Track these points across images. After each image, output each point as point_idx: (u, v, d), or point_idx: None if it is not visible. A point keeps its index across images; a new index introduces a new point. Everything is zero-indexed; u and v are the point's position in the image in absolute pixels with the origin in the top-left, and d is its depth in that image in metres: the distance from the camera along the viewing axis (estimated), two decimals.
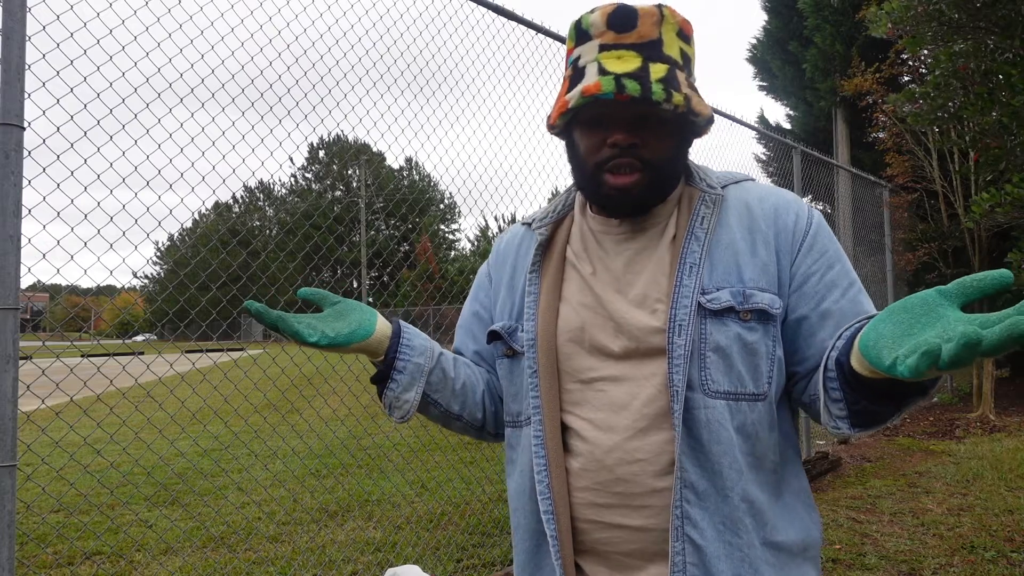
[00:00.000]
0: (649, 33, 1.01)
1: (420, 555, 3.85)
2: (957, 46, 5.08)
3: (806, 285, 1.03)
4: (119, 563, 3.85)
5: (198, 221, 35.15)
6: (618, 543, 1.03)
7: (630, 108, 1.01)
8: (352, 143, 31.15)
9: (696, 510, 0.97)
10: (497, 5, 3.55)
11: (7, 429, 1.82)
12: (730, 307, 1.00)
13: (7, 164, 1.84)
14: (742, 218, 1.06)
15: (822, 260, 1.04)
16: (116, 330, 28.23)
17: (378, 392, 1.14)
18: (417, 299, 7.48)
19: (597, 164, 1.05)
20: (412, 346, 1.12)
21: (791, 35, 13.48)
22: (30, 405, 3.85)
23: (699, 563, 0.97)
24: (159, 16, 2.48)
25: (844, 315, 1.01)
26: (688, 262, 1.02)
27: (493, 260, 1.28)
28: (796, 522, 1.03)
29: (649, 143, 1.02)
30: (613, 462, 1.02)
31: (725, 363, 1.00)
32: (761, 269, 1.02)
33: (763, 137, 11.11)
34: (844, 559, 3.81)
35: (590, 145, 1.05)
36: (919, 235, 9.27)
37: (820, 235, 1.06)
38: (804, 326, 1.03)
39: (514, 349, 1.13)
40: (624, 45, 1.01)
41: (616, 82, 0.97)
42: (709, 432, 0.98)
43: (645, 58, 1.00)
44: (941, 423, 8.35)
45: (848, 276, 1.05)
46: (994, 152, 5.42)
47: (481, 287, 1.28)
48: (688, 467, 0.98)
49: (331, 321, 1.04)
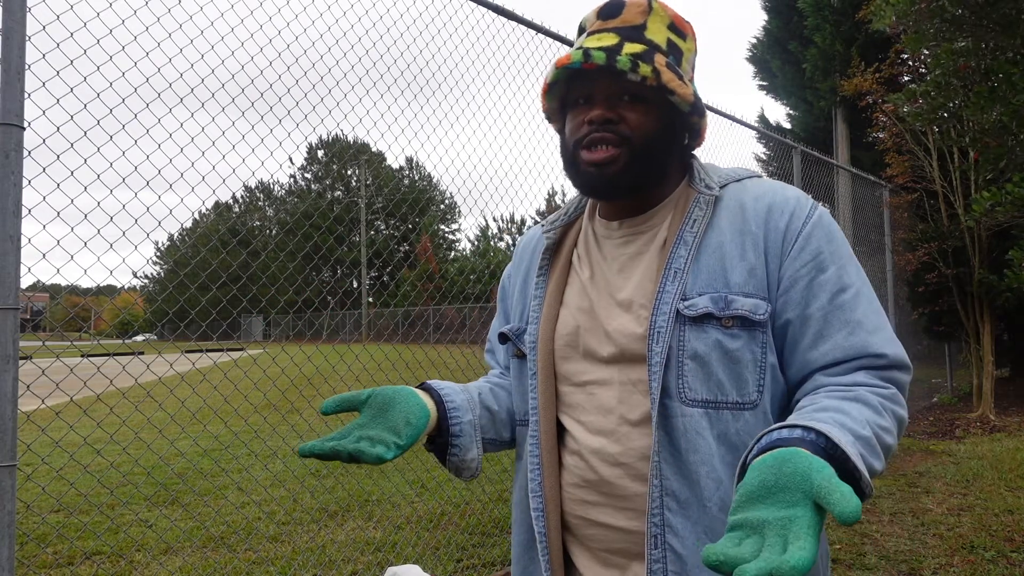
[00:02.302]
0: (632, 20, 1.05)
1: (420, 555, 3.85)
2: (958, 44, 5.08)
3: (793, 289, 0.99)
4: (119, 563, 3.85)
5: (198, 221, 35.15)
6: (605, 541, 1.05)
7: (606, 84, 1.03)
8: (352, 143, 31.14)
9: (678, 518, 0.96)
10: (497, 5, 3.55)
11: (7, 429, 1.82)
12: (709, 313, 0.98)
13: (7, 164, 1.84)
14: (734, 220, 1.03)
15: (813, 263, 0.99)
16: (116, 330, 28.22)
17: (440, 459, 1.11)
18: (417, 299, 7.49)
19: (576, 142, 1.07)
20: (457, 406, 1.10)
21: (791, 35, 13.47)
22: (30, 405, 3.85)
23: (680, 572, 0.96)
24: (159, 16, 2.48)
25: (827, 323, 0.96)
26: (673, 268, 1.01)
27: (513, 262, 1.31)
28: None
29: (626, 119, 1.03)
30: (598, 463, 1.04)
31: (703, 371, 0.98)
32: (748, 273, 1.00)
33: (763, 137, 11.11)
34: (844, 559, 3.81)
35: (573, 126, 1.08)
36: (919, 235, 9.26)
37: (815, 236, 1.00)
38: (789, 332, 1.00)
39: (521, 351, 1.16)
40: (607, 29, 1.06)
41: (584, 53, 1.01)
42: (687, 441, 0.97)
43: (623, 38, 1.03)
44: (941, 423, 8.35)
45: (841, 281, 0.98)
46: (994, 151, 5.42)
47: (503, 296, 1.31)
48: (669, 475, 0.97)
49: (382, 422, 0.97)
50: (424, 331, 16.96)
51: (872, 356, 0.95)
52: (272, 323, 30.67)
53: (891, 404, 0.92)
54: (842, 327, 0.96)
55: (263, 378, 3.69)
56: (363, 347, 4.16)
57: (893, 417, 0.92)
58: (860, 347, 0.95)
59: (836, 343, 0.96)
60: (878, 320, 0.97)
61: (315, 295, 17.14)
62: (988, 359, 8.76)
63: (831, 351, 0.96)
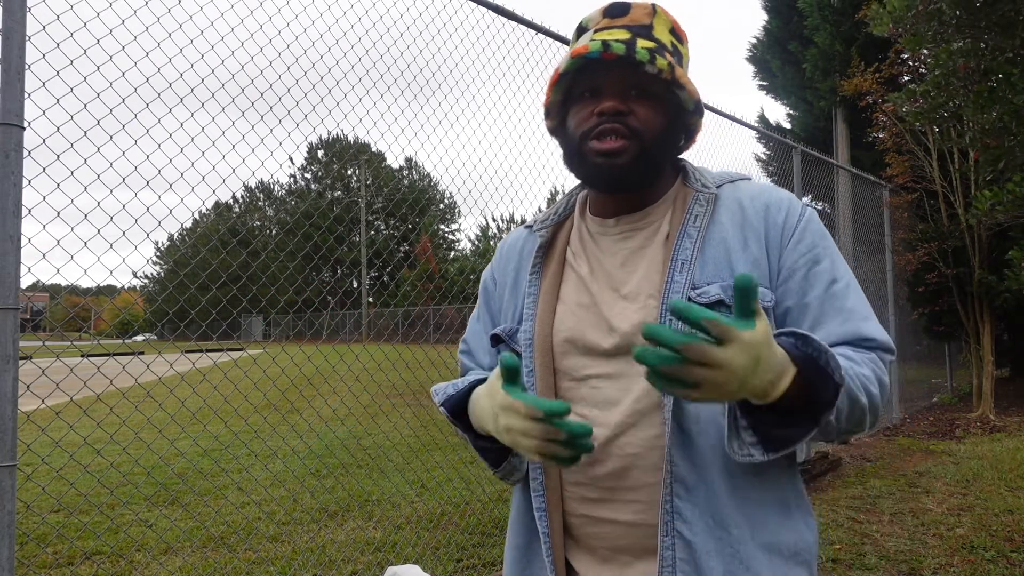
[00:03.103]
0: (640, 19, 1.08)
1: (420, 555, 3.85)
2: (956, 45, 5.08)
3: (792, 279, 1.04)
4: (119, 563, 3.85)
5: (198, 221, 35.16)
6: (608, 538, 1.05)
7: (618, 76, 1.05)
8: (352, 143, 31.14)
9: (686, 505, 0.98)
10: (497, 5, 3.55)
11: (7, 429, 1.82)
12: (720, 300, 1.01)
13: (7, 164, 1.84)
14: (735, 216, 1.07)
15: (809, 255, 1.04)
16: (116, 330, 28.23)
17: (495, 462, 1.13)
18: (417, 299, 7.49)
19: (583, 134, 1.07)
20: None
21: (791, 35, 13.47)
22: (30, 405, 3.85)
23: (689, 559, 0.97)
24: (159, 16, 2.49)
25: (823, 311, 1.02)
26: (680, 259, 1.04)
27: (496, 263, 1.29)
28: (788, 523, 1.03)
29: (638, 112, 1.05)
30: (604, 457, 1.03)
31: None
32: (752, 264, 1.04)
33: (763, 137, 11.11)
34: (844, 559, 3.81)
35: (579, 118, 1.08)
36: (919, 235, 9.26)
37: (809, 231, 1.06)
38: (788, 320, 1.04)
39: (515, 351, 1.15)
40: (616, 26, 1.07)
41: (603, 43, 1.02)
42: (697, 425, 0.99)
43: (634, 34, 1.05)
44: (941, 423, 8.35)
45: (833, 272, 1.04)
46: (994, 151, 5.42)
47: (488, 298, 1.28)
48: (678, 461, 0.99)
49: None
50: (424, 331, 16.98)
51: (862, 339, 1.01)
52: (272, 323, 30.68)
53: (873, 365, 0.99)
54: (836, 315, 1.02)
55: (263, 378, 3.69)
56: (363, 347, 4.16)
57: (875, 376, 0.98)
58: (852, 333, 1.01)
59: (831, 330, 1.01)
60: (866, 310, 1.04)
61: (315, 295, 17.14)
62: (988, 359, 8.77)
63: (826, 337, 1.01)
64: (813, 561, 1.05)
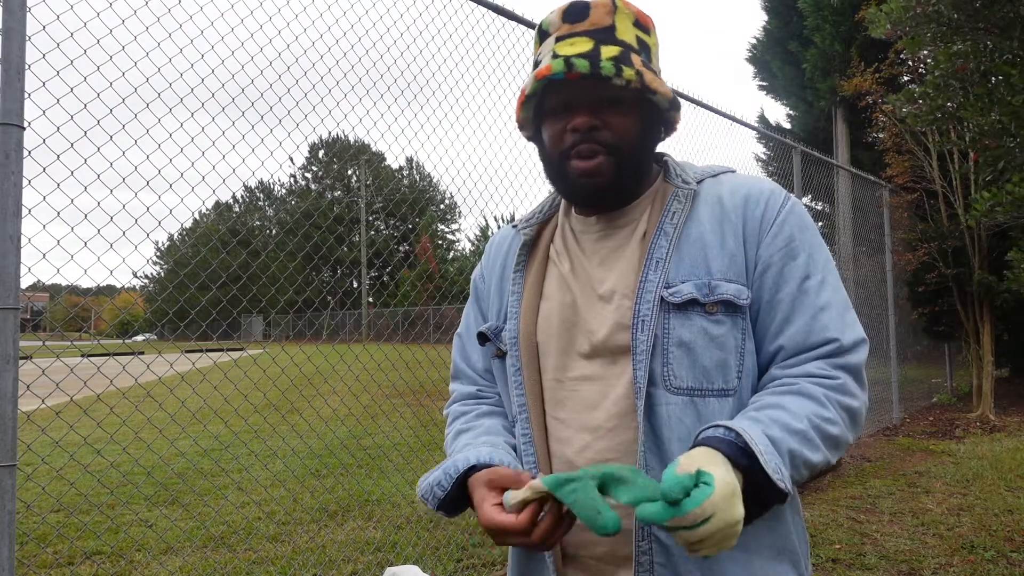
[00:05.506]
0: (601, 21, 1.04)
1: (420, 555, 3.85)
2: (956, 47, 5.08)
3: (767, 273, 1.02)
4: (119, 563, 3.85)
5: (198, 221, 35.13)
6: (590, 545, 1.04)
7: (586, 91, 1.03)
8: (352, 143, 31.13)
9: None
10: (497, 5, 3.55)
11: (7, 429, 1.82)
12: (693, 299, 1.00)
13: (7, 164, 1.84)
14: (713, 211, 1.06)
15: (785, 249, 1.02)
16: (116, 330, 28.21)
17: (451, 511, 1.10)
18: (417, 299, 7.49)
19: (561, 153, 1.06)
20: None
21: (791, 35, 13.47)
22: (30, 405, 3.85)
23: (667, 563, 0.97)
24: (159, 16, 2.49)
25: (793, 308, 1.00)
26: (655, 257, 1.03)
27: (484, 261, 1.30)
28: (770, 522, 1.00)
29: (610, 124, 1.03)
30: (584, 462, 1.03)
31: (689, 358, 0.99)
32: (729, 260, 1.02)
33: (763, 137, 11.12)
34: (844, 559, 3.81)
35: (553, 135, 1.07)
36: (919, 235, 9.26)
37: (789, 223, 1.04)
38: (760, 316, 1.03)
39: (502, 350, 1.15)
40: (577, 33, 1.04)
41: (565, 62, 1.00)
42: (669, 429, 0.98)
43: (597, 41, 1.02)
44: (941, 423, 8.35)
45: (809, 268, 1.02)
46: (993, 152, 5.42)
47: (478, 296, 1.28)
48: (654, 465, 0.98)
49: None
50: (424, 331, 16.97)
51: (830, 342, 0.99)
52: (272, 323, 30.66)
53: (837, 395, 0.96)
54: (805, 312, 1.00)
55: (263, 378, 3.69)
56: (363, 347, 4.16)
57: (839, 407, 0.96)
58: (819, 331, 0.99)
59: (799, 327, 1.00)
60: (840, 306, 1.02)
61: (315, 295, 17.15)
62: (988, 359, 8.77)
63: (794, 335, 1.00)
64: (801, 558, 1.04)
